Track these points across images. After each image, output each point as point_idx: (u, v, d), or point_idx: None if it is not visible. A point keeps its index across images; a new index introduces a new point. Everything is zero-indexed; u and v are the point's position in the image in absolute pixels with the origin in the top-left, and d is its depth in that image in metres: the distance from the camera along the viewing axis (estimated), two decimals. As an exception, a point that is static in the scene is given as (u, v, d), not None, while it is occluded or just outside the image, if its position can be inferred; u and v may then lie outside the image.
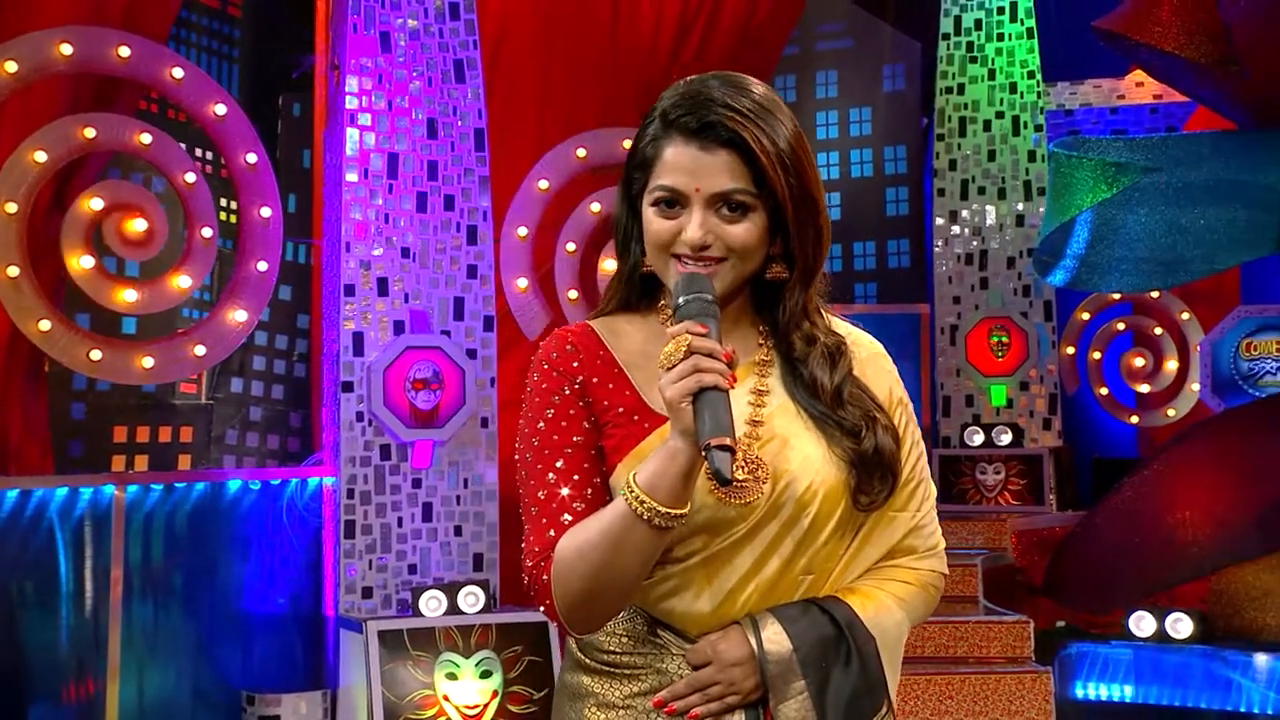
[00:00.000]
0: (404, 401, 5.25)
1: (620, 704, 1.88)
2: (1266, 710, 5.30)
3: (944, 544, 2.01)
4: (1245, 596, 5.69)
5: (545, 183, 5.85)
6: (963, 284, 7.50)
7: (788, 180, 1.80)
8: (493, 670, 5.02)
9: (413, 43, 5.52)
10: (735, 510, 1.82)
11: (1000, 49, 7.64)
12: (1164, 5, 5.41)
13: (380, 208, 5.40)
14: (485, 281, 5.48)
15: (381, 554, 5.32)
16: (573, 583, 1.77)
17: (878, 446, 1.85)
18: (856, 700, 1.83)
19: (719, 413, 1.65)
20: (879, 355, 1.99)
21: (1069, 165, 5.28)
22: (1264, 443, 5.80)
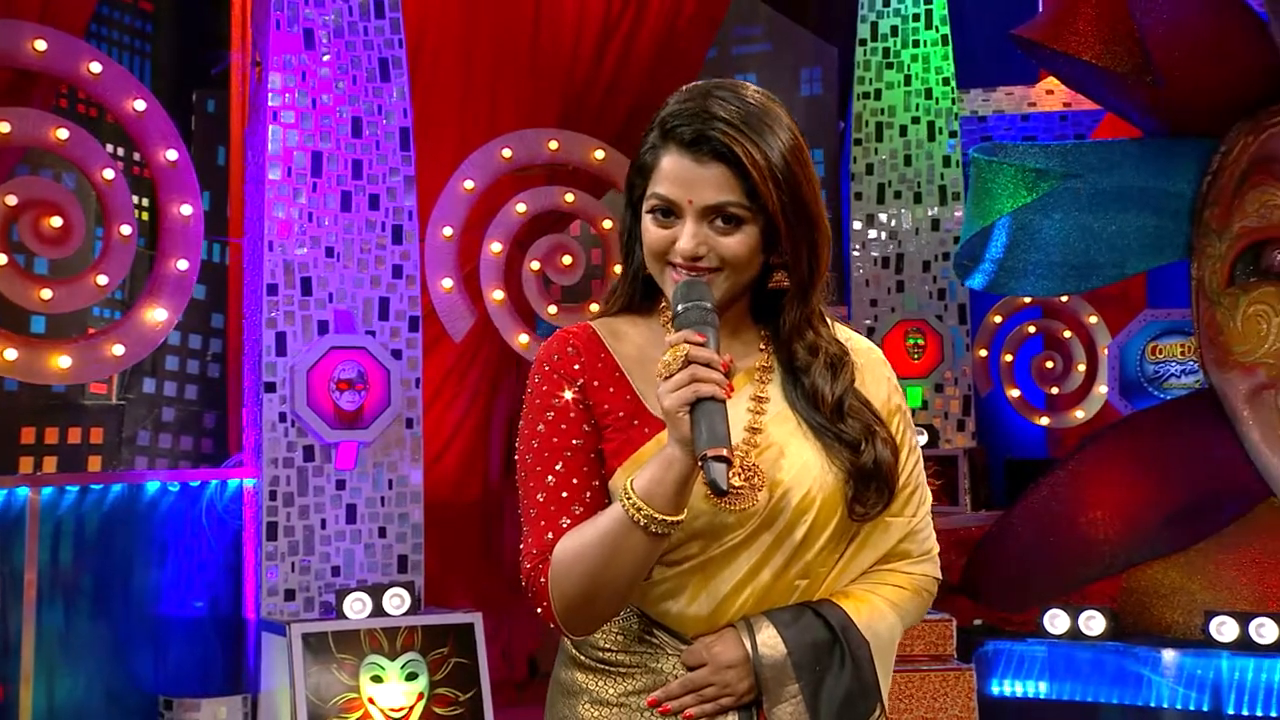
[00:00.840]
0: (328, 402, 5.20)
1: (614, 701, 1.89)
2: (1175, 705, 5.44)
3: (938, 548, 2.02)
4: (1154, 594, 5.84)
5: (470, 183, 5.83)
6: (879, 287, 7.61)
7: (779, 195, 1.81)
8: (419, 672, 5.00)
9: (337, 40, 5.47)
10: (732, 517, 1.83)
11: (916, 55, 7.75)
12: (1082, 16, 5.53)
13: (304, 206, 5.35)
14: (411, 282, 5.44)
15: (304, 556, 5.26)
16: (570, 586, 1.79)
17: (876, 459, 1.87)
18: (850, 703, 1.85)
19: (716, 423, 1.66)
20: (877, 362, 2.00)
21: (989, 171, 5.38)
22: (1172, 445, 5.95)
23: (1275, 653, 5.31)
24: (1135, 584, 5.86)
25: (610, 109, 6.58)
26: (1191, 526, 5.79)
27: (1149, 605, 5.81)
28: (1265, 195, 5.65)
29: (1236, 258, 5.75)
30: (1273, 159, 5.65)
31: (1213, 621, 5.43)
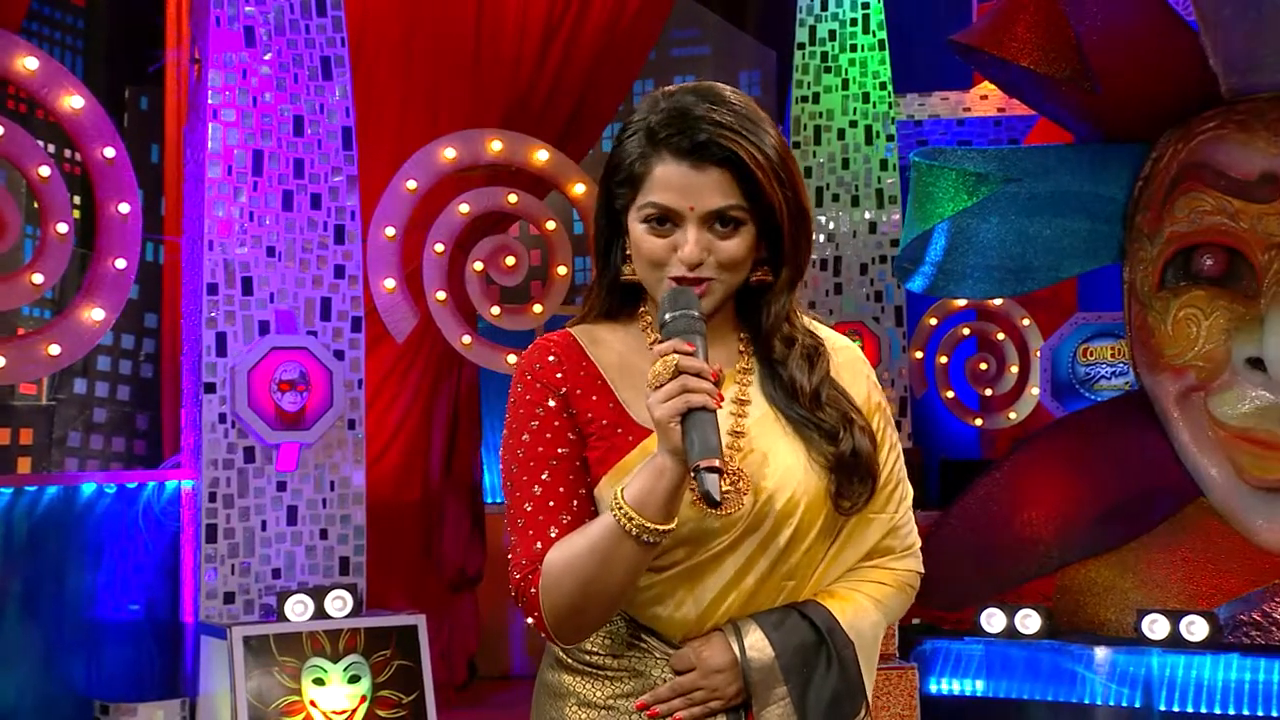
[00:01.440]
0: (269, 403, 5.16)
1: (602, 704, 1.89)
2: (1108, 701, 5.53)
3: (919, 543, 2.04)
4: (1088, 593, 5.93)
5: (413, 183, 5.80)
6: (817, 289, 7.67)
7: (784, 191, 1.82)
8: (361, 675, 4.97)
9: (278, 38, 5.43)
10: (718, 522, 1.83)
11: (854, 60, 7.82)
12: (1020, 22, 5.61)
13: (244, 205, 5.30)
14: (353, 282, 5.42)
15: (244, 558, 5.22)
16: (561, 595, 1.78)
17: (855, 448, 1.88)
18: (837, 704, 1.87)
19: (708, 434, 1.67)
20: (856, 359, 2.01)
21: (930, 175, 5.44)
22: (1104, 445, 6.05)
23: (1205, 650, 5.41)
24: (1069, 583, 5.95)
25: (553, 109, 6.58)
26: (1123, 526, 5.88)
27: (1083, 604, 5.90)
28: (1195, 201, 5.75)
29: (1167, 262, 5.84)
30: (1203, 165, 5.75)
31: (1144, 619, 5.53)
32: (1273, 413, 5.51)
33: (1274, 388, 5.51)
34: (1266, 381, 5.52)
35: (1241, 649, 5.42)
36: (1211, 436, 5.69)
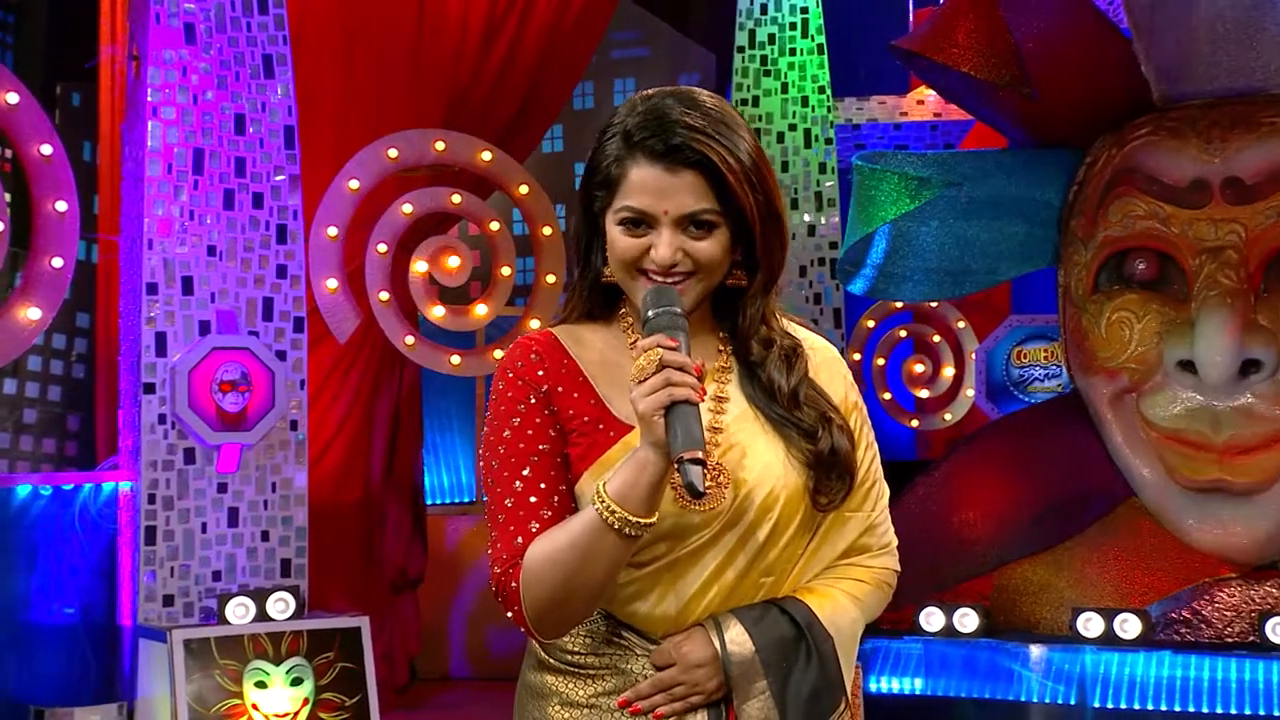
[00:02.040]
0: (210, 404, 5.11)
1: (584, 703, 1.90)
2: (1044, 699, 5.62)
3: (896, 542, 2.07)
4: (1024, 592, 6.02)
5: (356, 182, 5.77)
6: (757, 291, 7.70)
7: (755, 195, 1.85)
8: (304, 677, 4.95)
9: (219, 35, 5.38)
10: (698, 517, 1.85)
11: (792, 63, 7.87)
12: (961, 28, 5.68)
13: (185, 204, 5.25)
14: (296, 282, 5.38)
15: (184, 561, 5.17)
16: (542, 590, 1.80)
17: (834, 447, 1.90)
18: (816, 698, 1.89)
19: (691, 426, 1.69)
20: (833, 360, 2.05)
21: (873, 178, 5.49)
22: (1040, 447, 6.14)
23: (1137, 647, 5.51)
24: (1006, 582, 6.04)
25: (495, 110, 6.57)
26: (1059, 526, 5.97)
27: (1019, 603, 5.99)
28: (1128, 205, 5.85)
29: (1101, 266, 5.93)
30: (1135, 170, 5.85)
31: (1079, 618, 5.61)
32: (1203, 414, 5.61)
33: (1204, 390, 5.60)
34: (1197, 384, 5.62)
35: (1173, 646, 5.53)
36: (1143, 438, 5.79)
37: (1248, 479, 5.63)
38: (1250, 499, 5.64)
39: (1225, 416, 5.59)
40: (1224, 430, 5.59)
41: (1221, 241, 5.67)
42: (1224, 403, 5.59)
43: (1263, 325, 5.56)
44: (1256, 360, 5.54)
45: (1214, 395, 5.59)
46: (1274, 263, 5.63)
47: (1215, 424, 5.60)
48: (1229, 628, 5.62)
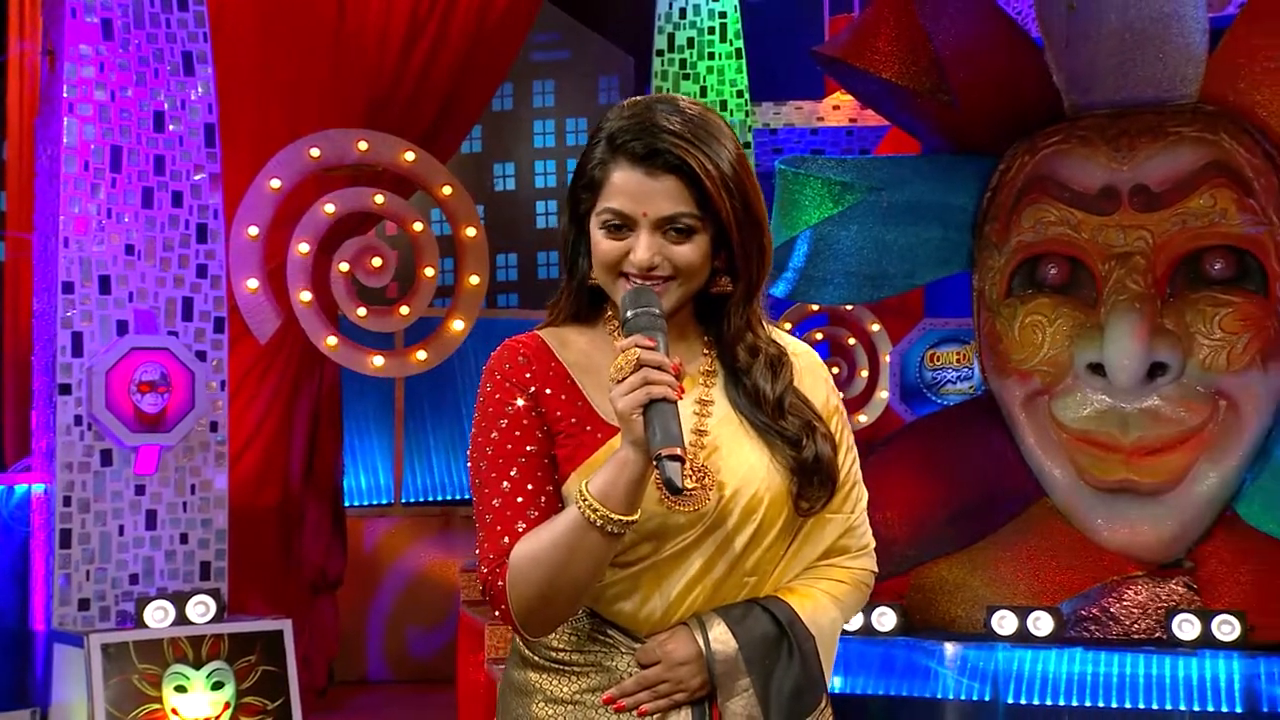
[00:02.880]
0: (128, 405, 5.04)
1: (569, 699, 1.92)
2: (959, 696, 5.71)
3: (874, 543, 2.10)
4: (940, 591, 6.11)
5: (277, 181, 5.72)
6: (676, 293, 7.75)
7: (732, 203, 1.87)
8: (225, 681, 4.90)
9: (138, 31, 5.31)
10: (683, 518, 1.88)
11: (711, 67, 7.93)
12: (882, 36, 5.77)
13: (102, 202, 5.18)
14: (216, 282, 5.32)
15: (100, 564, 5.09)
16: (528, 588, 1.82)
17: (818, 454, 1.93)
18: (798, 695, 1.92)
19: (669, 423, 1.71)
20: (815, 365, 2.07)
21: (796, 182, 5.55)
22: (955, 448, 6.24)
23: (1049, 644, 5.62)
24: (922, 581, 6.12)
25: (417, 110, 6.54)
26: (973, 526, 6.07)
27: (935, 602, 6.08)
28: (1040, 212, 5.96)
29: (1014, 270, 6.04)
30: (1047, 178, 5.96)
31: (994, 616, 5.71)
32: (1111, 416, 5.72)
33: (1113, 392, 5.72)
34: (1106, 386, 5.73)
35: (1084, 643, 5.65)
36: (1055, 439, 5.90)
37: (1154, 479, 5.76)
38: (1157, 499, 5.77)
39: (1133, 418, 5.71)
40: (1132, 432, 5.72)
41: (1130, 247, 5.80)
42: (1132, 405, 5.71)
43: (1169, 329, 5.69)
44: (1163, 363, 5.67)
45: (1122, 398, 5.71)
46: (1179, 268, 5.77)
47: (1123, 425, 5.72)
48: (1136, 624, 5.75)
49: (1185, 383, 5.70)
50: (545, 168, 8.78)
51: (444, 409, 7.73)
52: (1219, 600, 5.69)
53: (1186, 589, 5.77)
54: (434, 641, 7.20)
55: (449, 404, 7.74)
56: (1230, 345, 5.71)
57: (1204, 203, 5.77)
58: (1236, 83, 5.88)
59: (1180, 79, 5.85)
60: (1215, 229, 5.74)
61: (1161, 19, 5.70)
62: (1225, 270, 5.77)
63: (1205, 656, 5.45)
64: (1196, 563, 5.85)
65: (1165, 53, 5.77)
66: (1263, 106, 5.86)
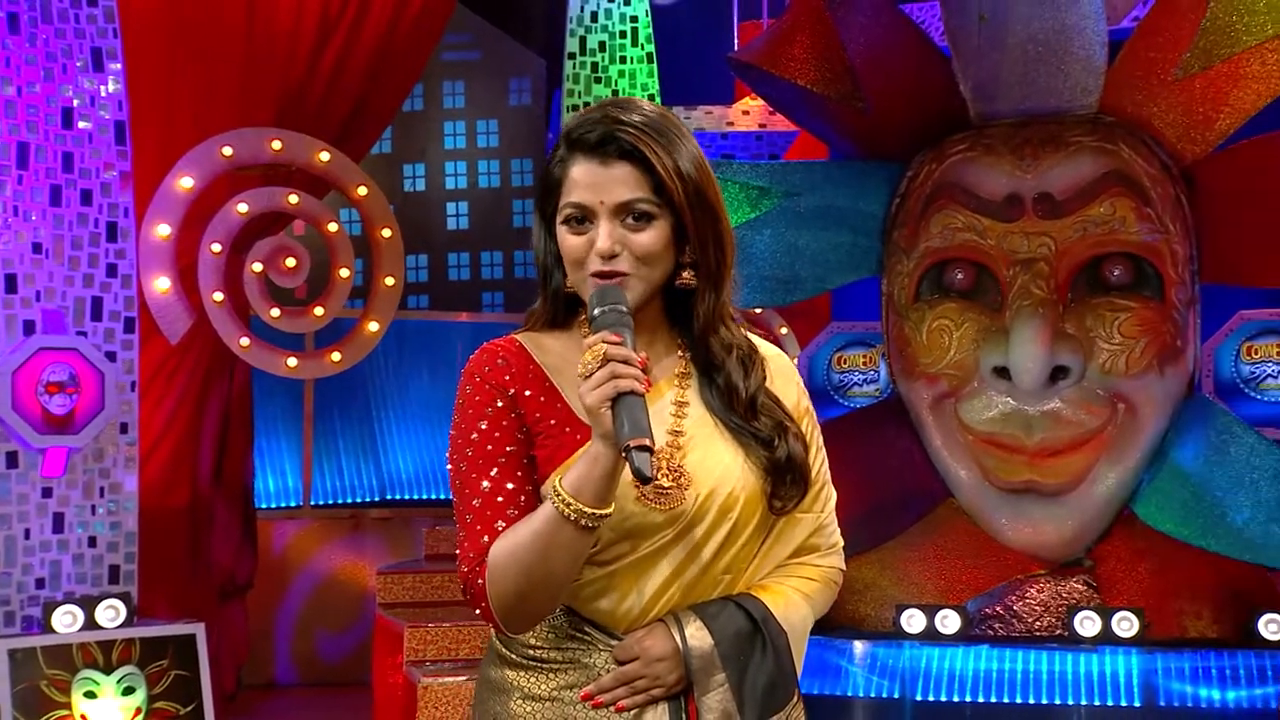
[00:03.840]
0: (35, 405, 4.95)
1: (546, 696, 1.96)
2: (869, 693, 5.80)
3: (842, 542, 2.16)
4: (850, 590, 6.20)
5: (189, 180, 5.65)
6: (588, 296, 7.79)
7: (685, 188, 1.92)
8: (136, 686, 4.83)
9: (45, 26, 5.21)
10: (661, 516, 1.92)
11: (623, 71, 7.98)
12: (798, 43, 5.85)
13: (9, 200, 5.08)
14: (127, 281, 5.24)
15: (6, 568, 4.99)
16: (506, 584, 1.86)
17: (790, 454, 1.99)
18: (772, 690, 1.97)
19: (636, 415, 1.76)
20: (786, 366, 2.13)
21: (714, 188, 5.61)
22: (864, 450, 6.32)
23: (956, 642, 5.74)
24: (834, 580, 6.21)
25: (329, 109, 6.48)
26: (882, 526, 6.16)
27: (846, 601, 6.16)
28: (947, 218, 6.08)
29: (922, 275, 6.14)
30: (954, 185, 6.08)
31: (902, 614, 5.81)
32: (1016, 418, 5.85)
33: (1017, 395, 5.85)
34: (1011, 389, 5.86)
35: (989, 640, 5.77)
36: (961, 441, 6.01)
37: (1056, 480, 5.89)
38: (1058, 499, 5.91)
39: (1036, 420, 5.84)
40: (1035, 433, 5.84)
41: (1033, 254, 5.93)
42: (1035, 407, 5.84)
43: (1070, 334, 5.83)
44: (1065, 367, 5.81)
45: (1026, 400, 5.84)
46: (1080, 274, 5.91)
47: (1027, 428, 5.84)
48: (1038, 622, 5.89)
49: (1086, 386, 5.85)
50: (456, 169, 8.76)
51: (353, 410, 7.68)
52: (1117, 598, 5.85)
53: (1086, 587, 5.92)
54: (344, 645, 7.15)
55: (359, 405, 7.69)
56: (1129, 350, 5.87)
57: (1104, 211, 5.92)
58: (1134, 95, 6.05)
59: (1081, 90, 6.00)
60: (1115, 236, 5.90)
61: (1063, 31, 5.84)
62: (1124, 277, 5.92)
63: (1105, 652, 5.61)
64: (1096, 561, 6.00)
65: (1066, 64, 5.91)
66: (1159, 118, 6.03)
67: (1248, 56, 5.67)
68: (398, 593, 5.78)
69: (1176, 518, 5.83)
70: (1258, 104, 5.92)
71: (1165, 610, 5.82)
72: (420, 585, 5.82)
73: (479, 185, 8.66)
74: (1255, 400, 6.55)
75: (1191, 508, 5.81)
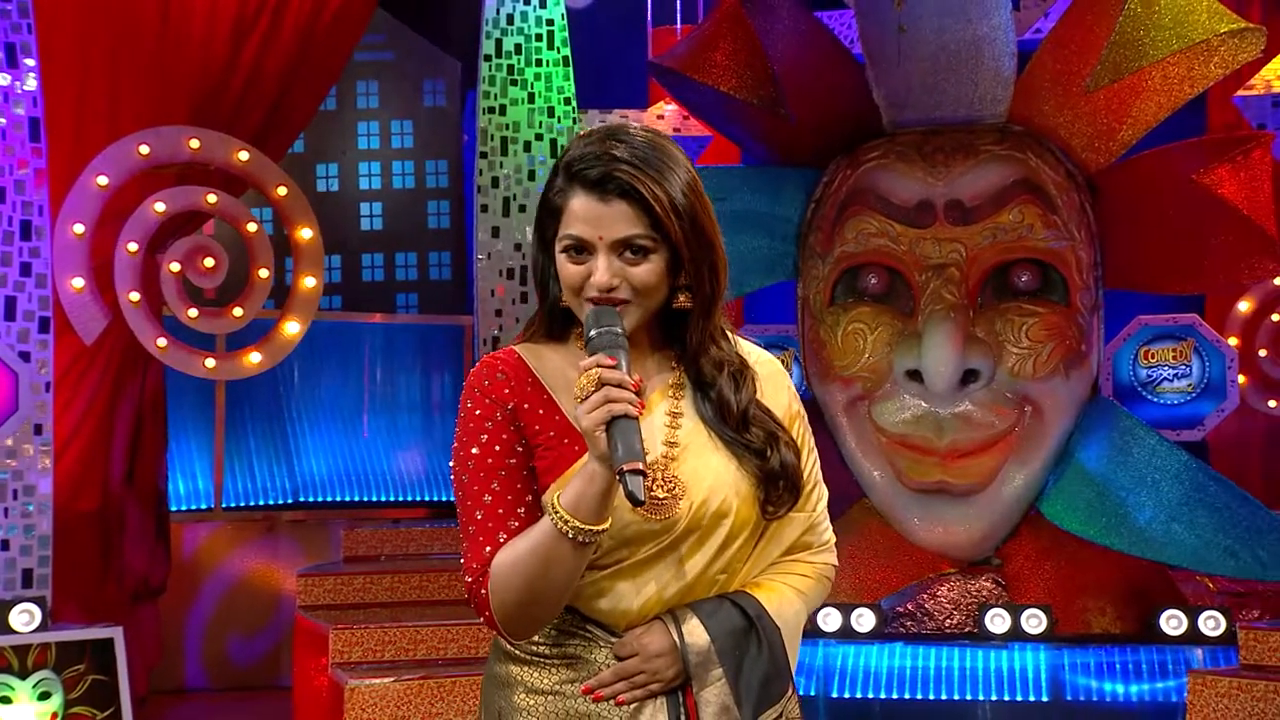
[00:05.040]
0: (-54, 407, 4.86)
1: (549, 690, 2.02)
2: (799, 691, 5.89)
3: (835, 539, 2.22)
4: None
5: (104, 179, 5.56)
6: (505, 298, 7.79)
7: (680, 224, 1.96)
8: (52, 691, 4.76)
9: (-44, 20, 5.12)
10: (658, 525, 1.99)
11: (539, 74, 7.99)
12: (720, 50, 5.93)
13: (-81, 197, 4.97)
14: (41, 280, 5.16)
15: (-85, 572, 4.89)
16: (509, 595, 1.93)
17: (782, 463, 2.05)
18: (767, 684, 2.05)
19: (631, 439, 1.82)
20: (777, 373, 2.17)
21: (635, 192, 5.65)
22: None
23: (871, 640, 5.85)
24: (749, 581, 6.28)
25: (247, 109, 6.40)
26: (797, 526, 6.26)
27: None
28: (862, 224, 6.19)
29: (837, 280, 6.25)
30: (868, 191, 6.19)
31: (819, 613, 5.91)
32: (927, 420, 5.97)
33: (929, 398, 5.97)
34: (923, 392, 5.98)
35: (902, 638, 5.89)
36: (874, 442, 6.12)
37: (966, 481, 6.03)
38: (968, 499, 6.04)
39: (947, 422, 5.97)
40: (946, 435, 5.97)
41: (945, 259, 6.06)
42: (946, 410, 5.97)
43: (980, 338, 5.97)
44: (975, 370, 5.94)
45: (938, 403, 5.97)
46: (989, 280, 6.06)
47: (938, 429, 5.97)
48: (948, 619, 6.02)
49: (995, 389, 5.99)
50: (370, 169, 8.72)
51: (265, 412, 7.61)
52: (1025, 596, 6.00)
53: (995, 585, 6.06)
54: (255, 648, 7.09)
55: (270, 407, 7.62)
56: (1036, 353, 6.02)
57: (1012, 218, 6.07)
58: (1041, 105, 6.21)
59: (990, 100, 6.15)
60: (1022, 243, 6.05)
61: (974, 42, 5.98)
62: (1031, 282, 6.08)
63: (1014, 649, 5.75)
64: (1004, 560, 6.15)
65: (977, 75, 6.06)
66: (1064, 128, 6.20)
67: (1150, 70, 5.86)
68: (319, 595, 5.75)
69: (1081, 517, 6.00)
70: (1159, 116, 6.12)
71: (1071, 607, 5.98)
72: (342, 588, 5.80)
73: (393, 186, 8.64)
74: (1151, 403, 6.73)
75: (1096, 507, 5.98)
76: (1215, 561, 5.76)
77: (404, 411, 7.94)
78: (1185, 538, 5.78)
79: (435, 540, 6.58)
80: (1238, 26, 5.67)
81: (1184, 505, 5.85)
